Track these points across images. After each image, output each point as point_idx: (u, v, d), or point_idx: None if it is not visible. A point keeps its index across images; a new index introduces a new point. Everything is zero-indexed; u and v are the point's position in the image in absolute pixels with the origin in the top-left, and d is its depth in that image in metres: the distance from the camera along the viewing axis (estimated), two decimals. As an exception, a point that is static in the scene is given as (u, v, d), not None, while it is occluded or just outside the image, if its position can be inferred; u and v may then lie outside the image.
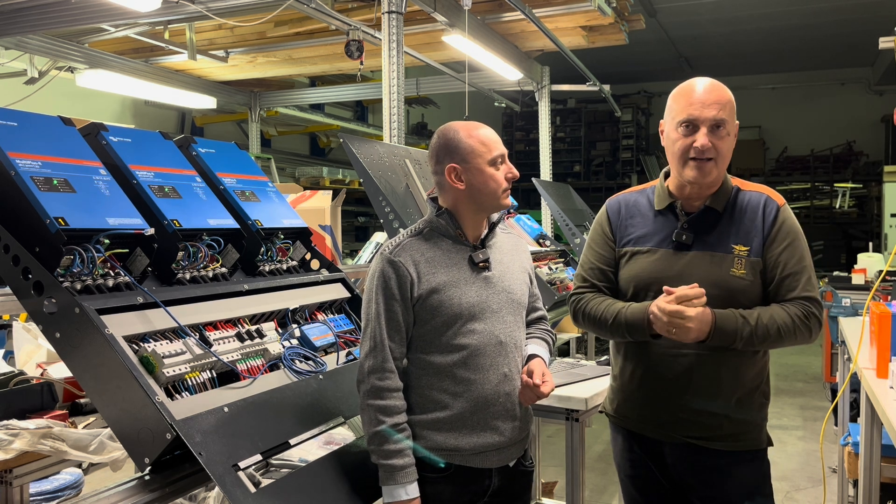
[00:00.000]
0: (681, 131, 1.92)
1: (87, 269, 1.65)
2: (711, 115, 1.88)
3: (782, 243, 1.94)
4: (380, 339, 1.79)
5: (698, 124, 1.89)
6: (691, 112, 1.89)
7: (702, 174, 1.91)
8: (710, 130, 1.88)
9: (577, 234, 5.77)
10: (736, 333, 1.86)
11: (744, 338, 1.87)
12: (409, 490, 1.75)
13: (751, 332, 1.86)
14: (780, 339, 1.89)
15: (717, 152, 1.90)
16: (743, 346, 1.88)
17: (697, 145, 1.89)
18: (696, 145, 1.89)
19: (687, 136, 1.91)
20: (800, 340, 1.92)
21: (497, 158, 1.86)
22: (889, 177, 10.47)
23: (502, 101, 9.12)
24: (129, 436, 1.55)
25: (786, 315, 1.89)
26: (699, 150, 1.89)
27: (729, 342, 1.87)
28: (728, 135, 1.92)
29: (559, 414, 2.66)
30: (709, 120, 1.88)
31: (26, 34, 5.81)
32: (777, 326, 1.88)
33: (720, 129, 1.89)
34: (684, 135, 1.91)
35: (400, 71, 4.29)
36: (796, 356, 8.42)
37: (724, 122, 1.89)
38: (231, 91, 8.80)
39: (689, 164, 1.91)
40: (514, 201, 4.44)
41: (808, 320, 1.91)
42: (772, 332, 1.88)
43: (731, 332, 1.86)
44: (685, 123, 1.90)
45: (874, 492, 2.68)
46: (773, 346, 1.92)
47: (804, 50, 13.51)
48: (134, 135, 2.06)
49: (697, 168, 1.90)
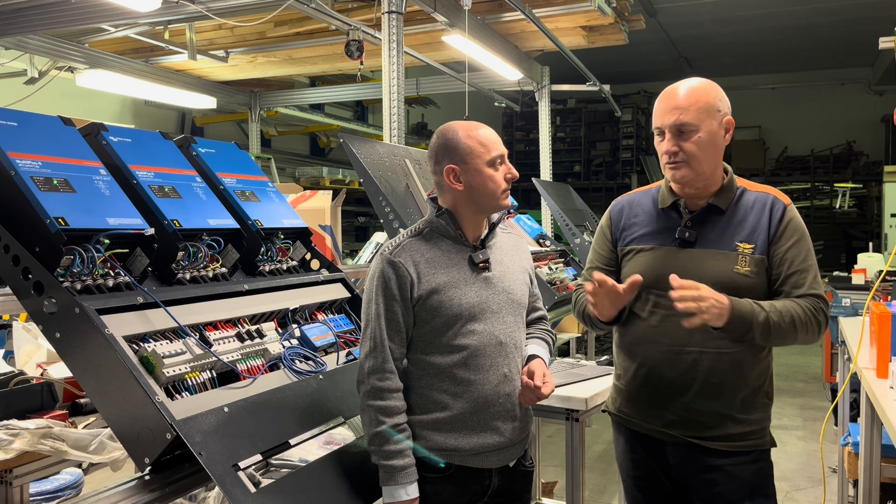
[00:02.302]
0: (657, 138, 2.01)
1: (87, 269, 1.65)
2: (671, 121, 1.94)
3: (789, 241, 1.95)
4: (380, 340, 1.79)
5: (664, 130, 1.97)
6: (656, 121, 2.00)
7: (675, 176, 2.00)
8: (674, 135, 1.95)
9: (577, 234, 5.77)
10: (753, 318, 1.84)
11: (760, 324, 1.85)
12: (410, 490, 1.75)
13: (767, 319, 1.85)
14: (794, 330, 1.88)
15: (687, 154, 1.94)
16: (760, 334, 1.86)
17: (663, 150, 1.98)
18: (662, 150, 1.98)
19: (660, 143, 2.00)
20: (810, 336, 1.91)
21: (496, 159, 1.86)
22: (889, 177, 10.46)
23: (502, 101, 9.12)
24: (129, 436, 1.55)
25: (799, 307, 1.89)
26: (667, 154, 1.97)
27: (746, 329, 1.85)
28: (698, 135, 1.93)
29: (559, 414, 2.66)
30: (669, 126, 1.95)
31: (26, 34, 5.80)
32: (792, 316, 1.87)
33: (684, 134, 1.94)
34: (658, 141, 2.01)
35: (400, 71, 4.29)
36: (796, 356, 8.41)
37: (687, 125, 1.93)
38: (231, 91, 8.80)
39: (665, 167, 2.01)
40: (514, 201, 4.44)
41: (818, 316, 1.91)
42: (786, 321, 1.87)
43: (748, 316, 1.84)
44: (656, 130, 2.00)
45: (874, 492, 2.68)
46: (787, 338, 1.90)
47: (804, 50, 13.51)
48: (134, 135, 2.06)
49: (672, 170, 1.99)
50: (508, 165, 1.89)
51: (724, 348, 1.93)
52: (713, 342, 1.93)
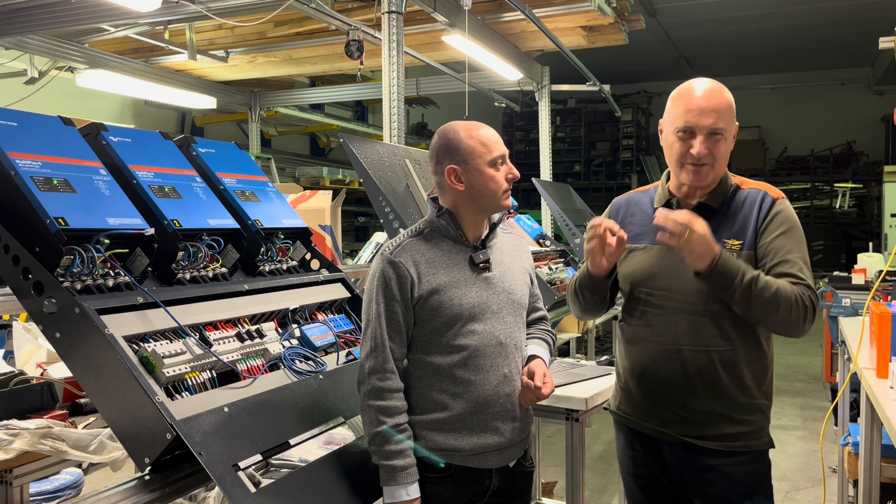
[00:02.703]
0: (679, 136, 1.93)
1: (87, 269, 1.65)
2: (709, 123, 1.89)
3: (774, 232, 1.93)
4: (380, 340, 1.79)
5: (695, 132, 1.90)
6: (689, 119, 1.90)
7: (698, 178, 1.94)
8: (706, 138, 1.90)
9: (577, 234, 5.77)
10: (738, 273, 1.80)
11: (744, 283, 1.80)
12: (410, 491, 1.75)
13: (752, 280, 1.80)
14: (777, 304, 1.82)
15: (714, 158, 1.91)
16: (740, 295, 1.81)
17: (694, 153, 1.90)
18: (692, 152, 1.90)
19: (684, 142, 1.92)
20: (794, 318, 1.84)
21: (497, 159, 1.85)
22: (889, 177, 10.47)
23: (502, 101, 9.11)
24: (129, 436, 1.55)
25: (787, 285, 1.84)
26: (695, 157, 1.90)
27: (728, 282, 1.81)
28: (725, 140, 1.93)
29: (559, 414, 2.66)
30: (706, 128, 1.89)
31: (26, 34, 5.80)
32: (777, 289, 1.82)
33: (717, 136, 1.90)
34: (681, 139, 1.93)
35: (400, 71, 4.29)
36: (796, 356, 8.42)
37: (721, 130, 1.90)
38: (231, 91, 8.80)
39: (687, 167, 1.94)
40: (514, 201, 4.44)
41: (805, 301, 1.84)
42: (770, 290, 1.81)
43: (733, 270, 1.81)
44: (683, 130, 1.92)
45: (874, 492, 2.68)
46: (769, 312, 1.83)
47: (804, 50, 13.51)
48: (134, 135, 2.06)
49: (694, 173, 1.93)
50: (510, 165, 1.88)
51: (714, 347, 1.92)
52: (703, 341, 1.93)
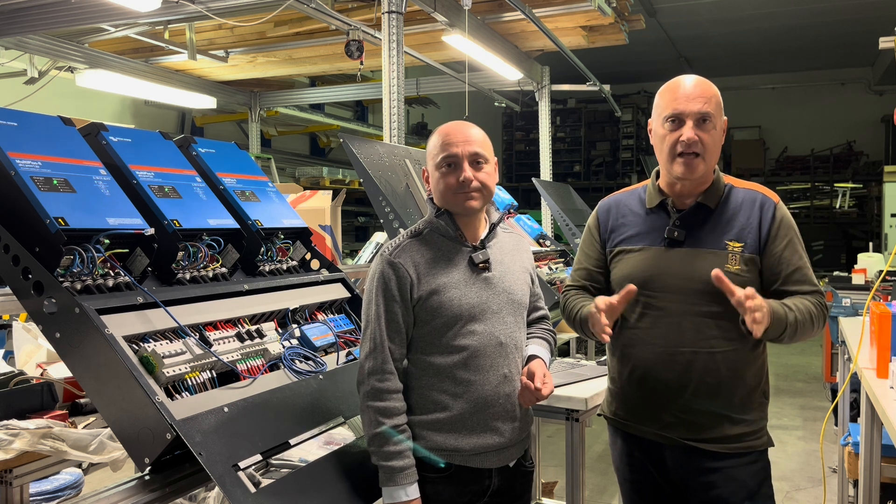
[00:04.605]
0: (667, 126, 1.93)
1: (87, 269, 1.65)
2: (696, 108, 1.89)
3: (783, 240, 1.95)
4: (380, 341, 1.79)
5: (684, 118, 1.90)
6: (676, 106, 1.91)
7: (689, 170, 1.92)
8: (695, 124, 1.89)
9: (577, 234, 5.77)
10: (785, 319, 1.84)
11: (791, 324, 1.85)
12: (410, 491, 1.75)
13: (795, 319, 1.85)
14: (812, 326, 1.90)
15: (704, 147, 1.90)
16: (789, 335, 1.86)
17: (684, 139, 1.89)
18: (682, 139, 1.90)
19: (673, 131, 1.92)
20: (818, 330, 1.93)
21: (444, 161, 1.83)
22: (889, 177, 10.46)
23: (502, 101, 9.11)
24: (129, 436, 1.55)
25: (810, 304, 1.91)
26: (686, 143, 1.89)
27: (781, 330, 1.85)
28: (714, 129, 1.92)
29: (559, 414, 2.66)
30: (694, 113, 1.89)
31: (26, 34, 5.80)
32: (809, 313, 1.89)
33: (706, 123, 1.90)
34: (671, 130, 1.92)
35: (400, 71, 4.29)
36: (796, 356, 8.41)
37: (710, 116, 1.90)
38: (231, 91, 8.80)
39: (677, 160, 1.92)
40: (514, 201, 4.44)
41: (824, 310, 1.94)
42: (806, 318, 1.88)
43: (781, 318, 1.84)
44: (671, 118, 1.92)
45: (874, 492, 2.68)
46: (806, 335, 1.90)
47: (804, 50, 13.50)
48: (134, 135, 2.06)
49: (685, 164, 1.91)
50: (465, 169, 1.81)
51: (717, 348, 1.93)
52: (706, 342, 1.93)
